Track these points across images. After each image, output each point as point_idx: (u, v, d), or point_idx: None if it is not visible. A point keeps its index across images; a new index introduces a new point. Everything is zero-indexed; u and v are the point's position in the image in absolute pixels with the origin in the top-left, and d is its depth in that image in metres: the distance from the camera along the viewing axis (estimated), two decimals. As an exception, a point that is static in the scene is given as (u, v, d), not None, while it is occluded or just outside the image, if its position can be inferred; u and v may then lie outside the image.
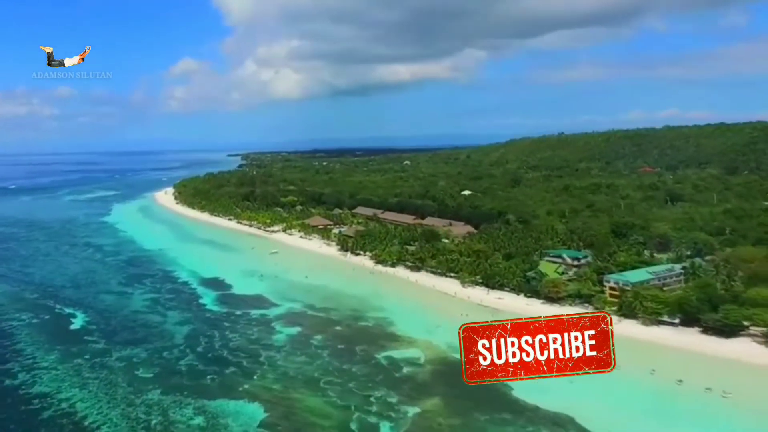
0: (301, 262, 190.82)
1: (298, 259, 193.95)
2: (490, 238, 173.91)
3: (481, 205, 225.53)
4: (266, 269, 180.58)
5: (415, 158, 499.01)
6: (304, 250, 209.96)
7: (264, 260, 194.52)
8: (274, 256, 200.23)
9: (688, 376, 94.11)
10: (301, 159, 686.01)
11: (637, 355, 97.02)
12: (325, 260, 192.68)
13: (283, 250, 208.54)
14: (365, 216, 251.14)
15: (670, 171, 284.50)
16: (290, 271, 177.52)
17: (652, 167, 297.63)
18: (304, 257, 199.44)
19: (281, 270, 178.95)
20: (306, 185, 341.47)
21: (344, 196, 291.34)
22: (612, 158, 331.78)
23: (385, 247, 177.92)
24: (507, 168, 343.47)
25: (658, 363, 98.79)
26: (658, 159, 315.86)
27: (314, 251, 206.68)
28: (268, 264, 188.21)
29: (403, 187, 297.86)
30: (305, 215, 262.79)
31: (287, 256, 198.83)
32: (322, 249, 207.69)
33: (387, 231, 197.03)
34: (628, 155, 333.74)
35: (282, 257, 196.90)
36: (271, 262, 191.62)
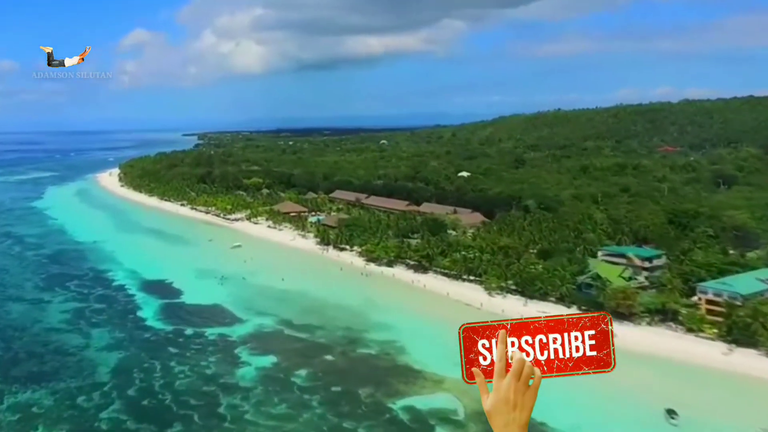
0: (271, 258, 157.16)
1: (267, 255, 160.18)
2: (512, 230, 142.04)
3: (486, 189, 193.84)
4: (227, 269, 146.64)
5: (392, 137, 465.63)
6: (275, 244, 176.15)
7: (224, 256, 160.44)
8: (237, 251, 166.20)
9: None
10: (264, 138, 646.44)
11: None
12: (301, 257, 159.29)
13: (247, 243, 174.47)
14: (346, 201, 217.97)
15: (695, 150, 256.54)
16: (258, 271, 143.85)
17: (673, 146, 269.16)
18: (274, 252, 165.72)
19: (247, 270, 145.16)
20: (272, 166, 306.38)
21: (318, 178, 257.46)
22: (623, 136, 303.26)
23: (379, 240, 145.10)
24: (501, 147, 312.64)
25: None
26: (678, 137, 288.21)
27: (287, 245, 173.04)
28: (229, 261, 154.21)
29: (387, 168, 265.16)
30: (273, 200, 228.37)
31: (254, 250, 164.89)
32: (297, 242, 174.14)
33: (379, 220, 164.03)
34: (641, 133, 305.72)
35: (247, 252, 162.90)
36: (234, 258, 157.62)
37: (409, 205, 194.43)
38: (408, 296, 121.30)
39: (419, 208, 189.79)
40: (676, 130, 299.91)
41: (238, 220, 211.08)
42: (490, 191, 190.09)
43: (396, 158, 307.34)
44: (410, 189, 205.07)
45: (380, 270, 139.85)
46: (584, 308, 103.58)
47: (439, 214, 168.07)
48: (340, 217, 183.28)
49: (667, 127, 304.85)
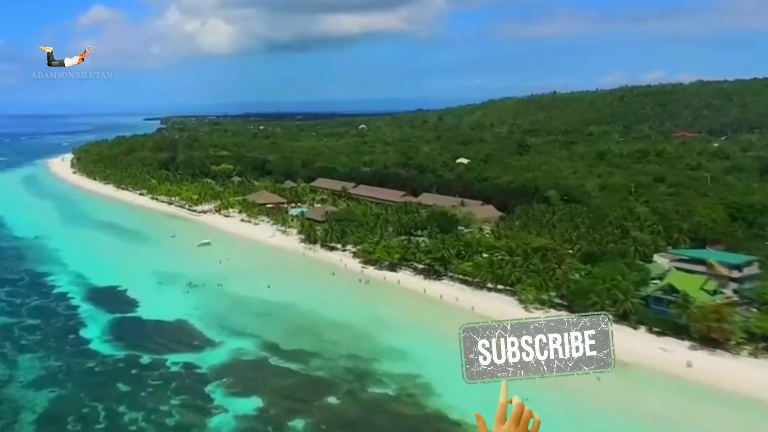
0: (246, 259, 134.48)
1: (242, 256, 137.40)
2: (539, 227, 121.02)
3: (492, 177, 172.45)
4: (194, 272, 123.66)
5: (371, 122, 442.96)
6: (250, 241, 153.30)
7: (191, 256, 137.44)
8: (206, 250, 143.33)
9: None
10: (232, 123, 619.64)
11: None
12: (283, 257, 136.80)
13: (218, 241, 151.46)
14: (330, 191, 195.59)
15: (714, 136, 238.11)
16: (232, 276, 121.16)
17: (690, 131, 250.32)
18: (250, 252, 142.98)
19: (218, 274, 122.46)
20: (243, 151, 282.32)
21: (295, 164, 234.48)
22: (630, 121, 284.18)
23: (379, 238, 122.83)
24: (496, 132, 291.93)
25: None
26: (693, 122, 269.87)
27: (265, 242, 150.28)
28: (197, 263, 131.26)
29: (374, 154, 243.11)
30: (246, 189, 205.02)
31: (225, 249, 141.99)
32: (277, 239, 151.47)
33: (376, 215, 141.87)
34: (651, 117, 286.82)
35: (217, 252, 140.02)
36: (202, 259, 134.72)
37: (405, 196, 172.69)
38: (422, 311, 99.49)
39: (418, 199, 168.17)
40: (690, 114, 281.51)
41: (206, 213, 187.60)
42: (498, 180, 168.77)
43: (381, 143, 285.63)
44: (405, 177, 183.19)
45: (382, 275, 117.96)
46: (658, 331, 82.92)
47: (446, 206, 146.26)
48: (327, 209, 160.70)
49: (680, 110, 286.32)
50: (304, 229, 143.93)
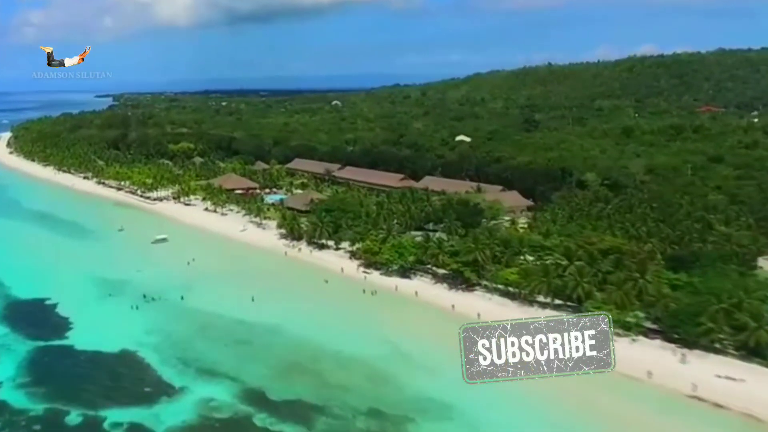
0: (214, 261, 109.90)
1: (207, 256, 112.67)
2: (593, 219, 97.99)
3: (506, 157, 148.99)
4: (148, 279, 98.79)
5: (345, 98, 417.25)
6: (218, 236, 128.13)
7: (143, 257, 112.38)
8: (162, 249, 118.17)
9: None
10: (191, 100, 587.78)
11: None
12: (261, 258, 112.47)
13: (177, 236, 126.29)
14: (311, 174, 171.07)
15: (745, 110, 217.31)
16: (197, 284, 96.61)
17: (715, 105, 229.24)
18: (218, 251, 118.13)
19: (178, 281, 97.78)
20: (205, 128, 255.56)
21: (266, 143, 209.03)
22: (644, 94, 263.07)
23: (386, 235, 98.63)
24: (491, 108, 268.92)
25: None
26: (716, 95, 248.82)
27: (236, 238, 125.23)
28: (151, 265, 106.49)
29: (357, 131, 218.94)
30: (210, 172, 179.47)
31: (187, 247, 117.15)
32: (251, 234, 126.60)
33: (379, 204, 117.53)
34: (666, 90, 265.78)
35: (177, 250, 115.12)
36: (158, 261, 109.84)
37: (405, 180, 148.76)
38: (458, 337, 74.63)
39: (420, 183, 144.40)
40: (711, 86, 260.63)
41: (163, 200, 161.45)
42: (513, 160, 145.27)
43: (362, 119, 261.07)
44: (402, 158, 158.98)
45: (391, 283, 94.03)
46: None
47: (461, 193, 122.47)
48: (311, 195, 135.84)
49: (699, 82, 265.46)
50: (286, 222, 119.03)
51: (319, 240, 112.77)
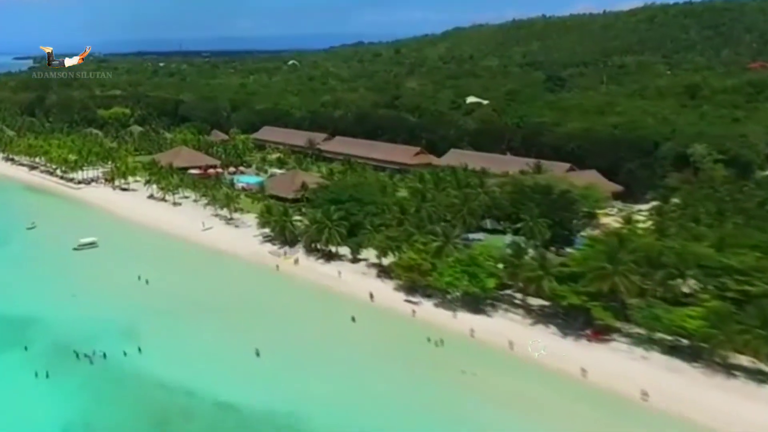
0: (171, 280, 75.79)
1: (159, 271, 78.53)
2: (755, 216, 66.77)
3: (547, 123, 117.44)
4: (67, 316, 65.27)
5: (302, 58, 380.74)
6: (171, 239, 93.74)
7: (61, 272, 79.93)
8: (90, 256, 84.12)
9: None
10: (124, 62, 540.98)
11: None
12: (240, 276, 78.94)
13: (111, 236, 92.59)
14: (287, 146, 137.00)
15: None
16: (148, 326, 62.81)
17: (764, 61, 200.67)
18: (175, 263, 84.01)
19: (117, 318, 63.87)
20: (144, 90, 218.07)
21: (222, 107, 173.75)
22: (671, 49, 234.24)
23: (442, 243, 65.72)
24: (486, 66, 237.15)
25: None
26: (763, 48, 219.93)
27: (200, 243, 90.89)
28: (72, 288, 72.12)
29: (336, 93, 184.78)
30: (153, 144, 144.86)
31: (126, 255, 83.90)
32: (220, 236, 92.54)
33: (414, 192, 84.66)
34: (699, 43, 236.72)
35: (112, 260, 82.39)
36: (84, 280, 76.44)
37: (421, 155, 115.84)
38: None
39: (442, 159, 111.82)
40: (754, 38, 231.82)
41: (91, 184, 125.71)
42: (559, 129, 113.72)
43: (336, 79, 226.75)
44: (413, 126, 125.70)
45: (461, 324, 61.93)
46: None
47: (516, 174, 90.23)
48: (300, 177, 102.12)
49: (739, 34, 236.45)
50: (272, 219, 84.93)
51: (326, 246, 79.30)
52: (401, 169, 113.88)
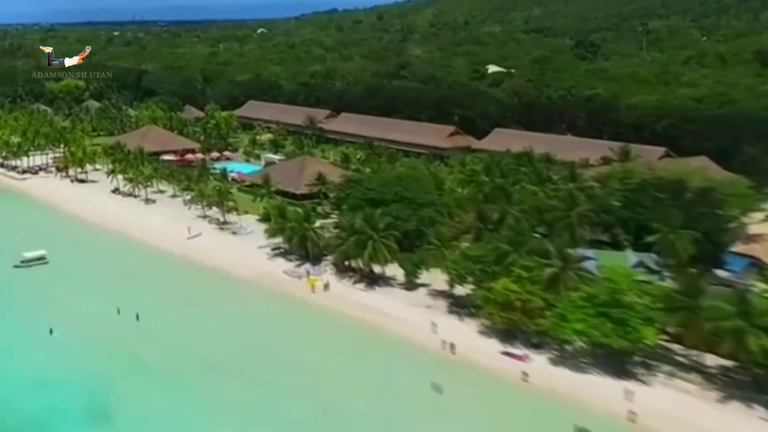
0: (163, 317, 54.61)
1: (141, 299, 56.45)
2: None
3: (615, 97, 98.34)
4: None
5: (272, 26, 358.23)
6: (150, 251, 71.97)
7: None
8: (38, 276, 62.71)
9: None
10: (73, 31, 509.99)
11: None
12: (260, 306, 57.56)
13: (66, 246, 71.55)
14: (281, 125, 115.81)
15: None
16: (134, 396, 40.75)
17: None
18: (161, 286, 62.28)
19: (83, 380, 42.39)
20: (100, 60, 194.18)
21: (195, 79, 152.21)
22: (700, 12, 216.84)
23: (558, 270, 45.34)
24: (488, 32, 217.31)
25: None
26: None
27: (189, 257, 69.48)
28: (12, 331, 50.48)
29: (325, 62, 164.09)
30: (115, 124, 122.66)
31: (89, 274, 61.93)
32: (212, 245, 71.44)
33: (504, 192, 63.81)
34: (732, 6, 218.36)
35: (69, 282, 60.17)
36: (32, 315, 54.19)
37: (456, 135, 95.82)
38: None
39: (484, 142, 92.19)
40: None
41: (39, 173, 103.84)
42: (626, 102, 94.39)
43: (321, 48, 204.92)
44: (439, 99, 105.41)
45: (613, 402, 41.10)
46: None
47: (597, 162, 70.93)
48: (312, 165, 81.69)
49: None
50: (289, 226, 64.33)
51: (368, 266, 59.07)
52: (432, 154, 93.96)
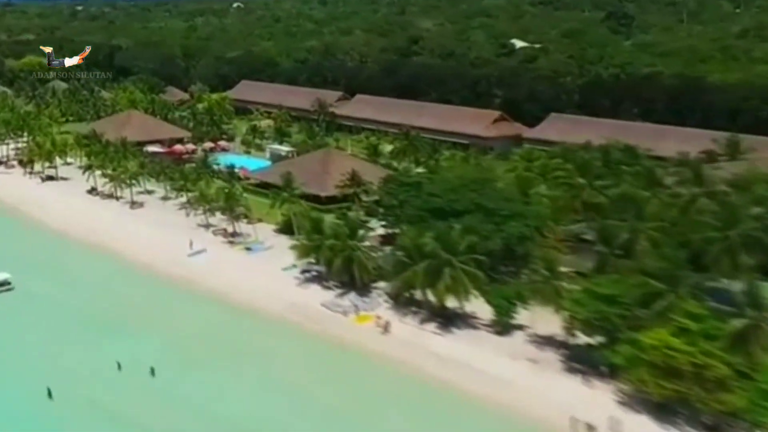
0: (180, 363, 40.00)
1: (139, 347, 42.55)
2: None
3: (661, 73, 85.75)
4: None
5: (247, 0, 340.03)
6: (139, 272, 57.96)
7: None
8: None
9: None
10: (33, 5, 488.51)
11: None
12: (289, 358, 44.14)
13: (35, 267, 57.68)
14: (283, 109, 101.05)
15: None
16: None
17: None
18: (164, 327, 47.98)
19: None
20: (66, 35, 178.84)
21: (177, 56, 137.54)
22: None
23: (753, 328, 31.55)
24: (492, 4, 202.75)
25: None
26: None
27: (193, 282, 55.64)
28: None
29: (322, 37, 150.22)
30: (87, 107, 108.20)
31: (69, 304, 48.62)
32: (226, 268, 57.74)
33: (635, 203, 49.82)
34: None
35: (42, 320, 47.21)
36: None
37: (501, 122, 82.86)
38: None
39: (537, 130, 79.55)
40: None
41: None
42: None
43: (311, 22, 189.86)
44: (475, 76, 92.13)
45: None
46: None
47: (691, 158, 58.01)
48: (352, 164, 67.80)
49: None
50: (328, 245, 50.31)
51: (440, 300, 45.38)
52: (472, 144, 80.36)
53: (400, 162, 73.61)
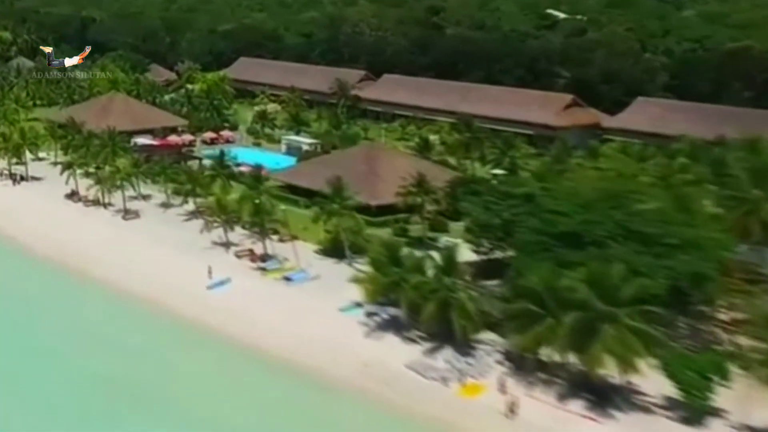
0: None
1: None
2: None
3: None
4: None
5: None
6: (142, 311, 44.46)
7: None
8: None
9: None
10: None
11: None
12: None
13: (6, 309, 41.55)
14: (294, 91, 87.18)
15: None
16: None
17: None
18: (188, 404, 33.92)
19: None
20: (30, 6, 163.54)
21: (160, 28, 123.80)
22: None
23: None
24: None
25: None
26: None
27: (215, 331, 41.56)
28: None
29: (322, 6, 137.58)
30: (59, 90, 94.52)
31: (56, 369, 33.85)
32: (258, 308, 43.98)
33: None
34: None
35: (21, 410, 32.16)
36: None
37: (573, 108, 72.06)
38: None
39: (623, 118, 67.78)
40: None
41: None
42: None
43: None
44: (534, 52, 79.92)
45: None
46: None
47: None
48: (409, 163, 54.37)
49: None
50: (410, 282, 36.76)
51: (592, 368, 32.09)
52: (538, 135, 67.43)
53: (459, 160, 60.30)
